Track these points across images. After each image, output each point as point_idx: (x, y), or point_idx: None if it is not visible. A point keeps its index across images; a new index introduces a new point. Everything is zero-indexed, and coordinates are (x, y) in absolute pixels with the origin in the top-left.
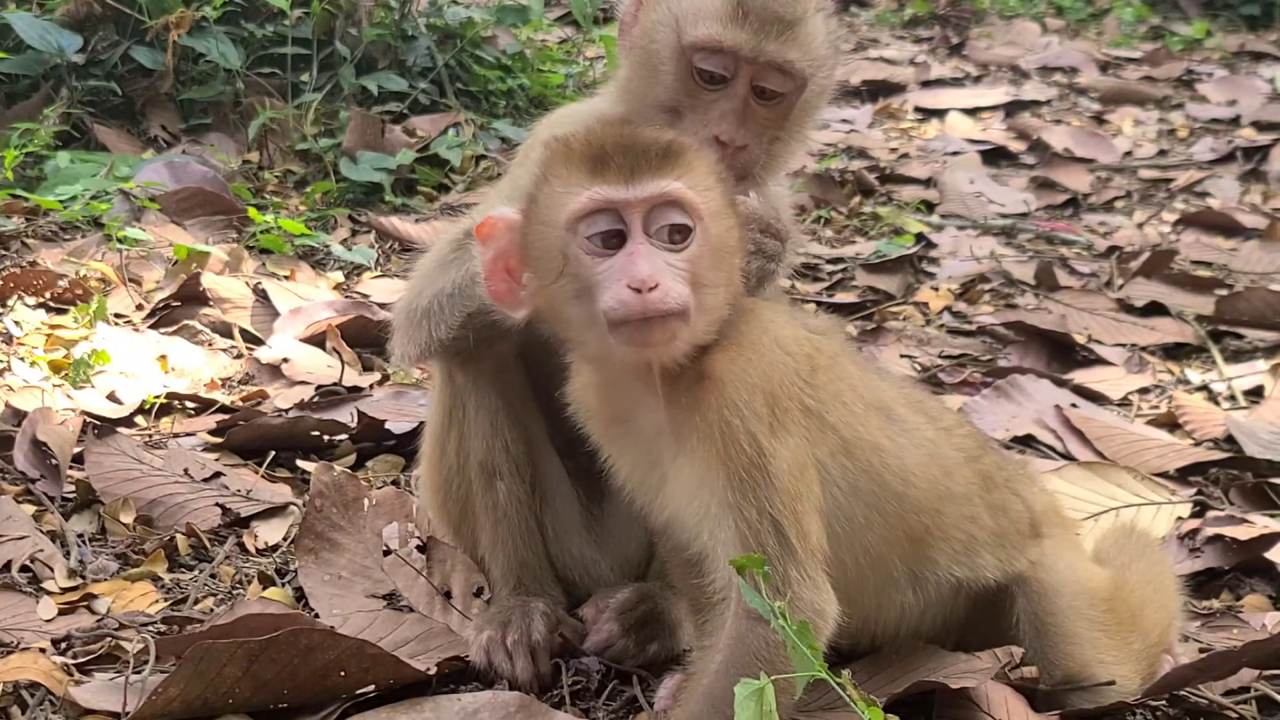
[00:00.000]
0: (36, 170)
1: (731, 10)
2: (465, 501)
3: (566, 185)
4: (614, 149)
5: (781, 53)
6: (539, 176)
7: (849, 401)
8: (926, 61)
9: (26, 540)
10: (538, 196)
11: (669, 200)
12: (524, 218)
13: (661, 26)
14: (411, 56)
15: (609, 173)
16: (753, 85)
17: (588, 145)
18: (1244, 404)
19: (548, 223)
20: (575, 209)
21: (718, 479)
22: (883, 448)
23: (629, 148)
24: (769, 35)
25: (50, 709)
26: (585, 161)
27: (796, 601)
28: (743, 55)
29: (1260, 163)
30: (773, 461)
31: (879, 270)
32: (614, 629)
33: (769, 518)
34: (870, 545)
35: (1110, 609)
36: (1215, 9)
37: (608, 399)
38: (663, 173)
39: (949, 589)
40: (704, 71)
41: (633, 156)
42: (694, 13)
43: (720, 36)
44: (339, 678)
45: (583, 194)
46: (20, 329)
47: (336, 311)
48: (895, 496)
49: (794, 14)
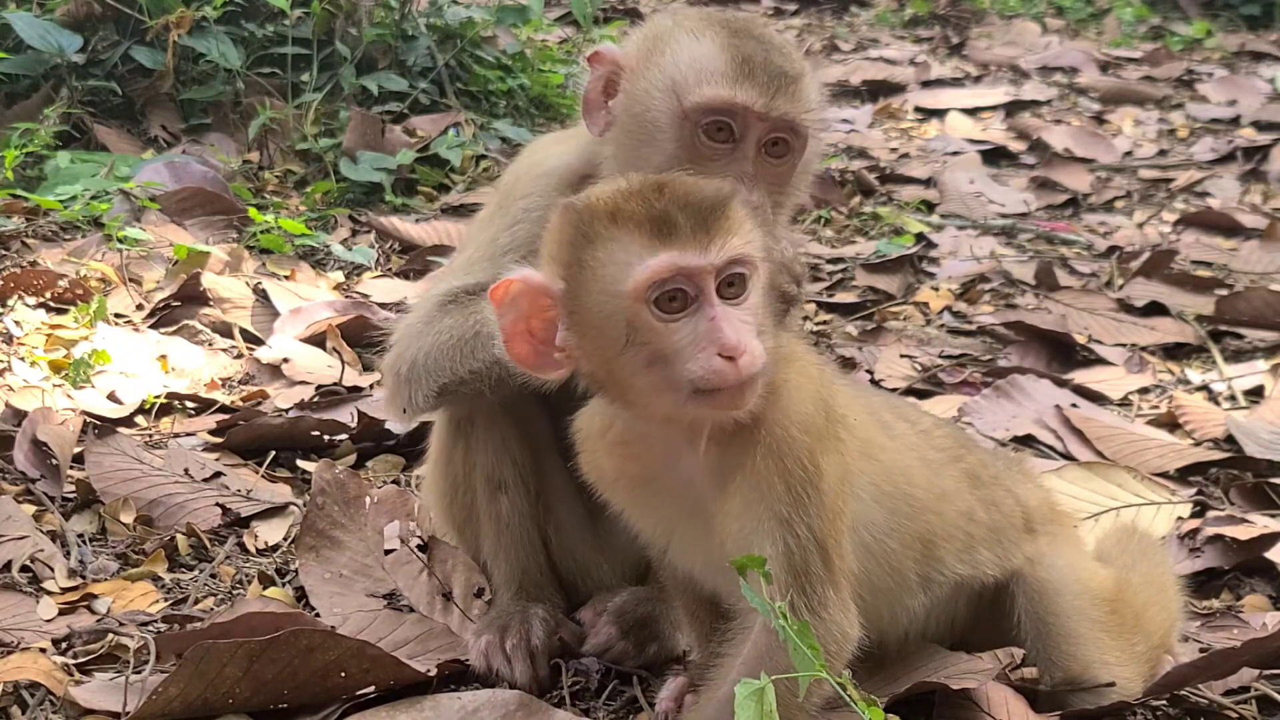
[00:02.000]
0: (36, 170)
1: (738, 69)
2: (469, 509)
3: (629, 252)
4: (678, 210)
5: (793, 108)
6: (577, 237)
7: (854, 406)
8: (926, 61)
9: (26, 540)
10: (587, 262)
11: (735, 261)
12: (568, 283)
13: (656, 93)
14: (411, 56)
15: (679, 237)
16: (761, 144)
17: (648, 207)
18: (1244, 404)
19: (608, 292)
20: (648, 278)
21: (775, 490)
22: (889, 449)
23: (693, 208)
24: (779, 92)
25: (50, 709)
26: (649, 225)
27: (829, 624)
28: (754, 113)
29: (1260, 163)
30: (823, 479)
31: (879, 270)
32: (612, 631)
33: (815, 537)
34: (891, 551)
35: (1113, 609)
36: (1215, 9)
37: (634, 460)
38: (730, 232)
39: (951, 588)
40: (711, 133)
41: (700, 219)
42: (695, 75)
43: (729, 95)
44: (339, 678)
45: (653, 261)
46: (20, 329)
47: (336, 311)
48: (905, 497)
49: (797, 70)
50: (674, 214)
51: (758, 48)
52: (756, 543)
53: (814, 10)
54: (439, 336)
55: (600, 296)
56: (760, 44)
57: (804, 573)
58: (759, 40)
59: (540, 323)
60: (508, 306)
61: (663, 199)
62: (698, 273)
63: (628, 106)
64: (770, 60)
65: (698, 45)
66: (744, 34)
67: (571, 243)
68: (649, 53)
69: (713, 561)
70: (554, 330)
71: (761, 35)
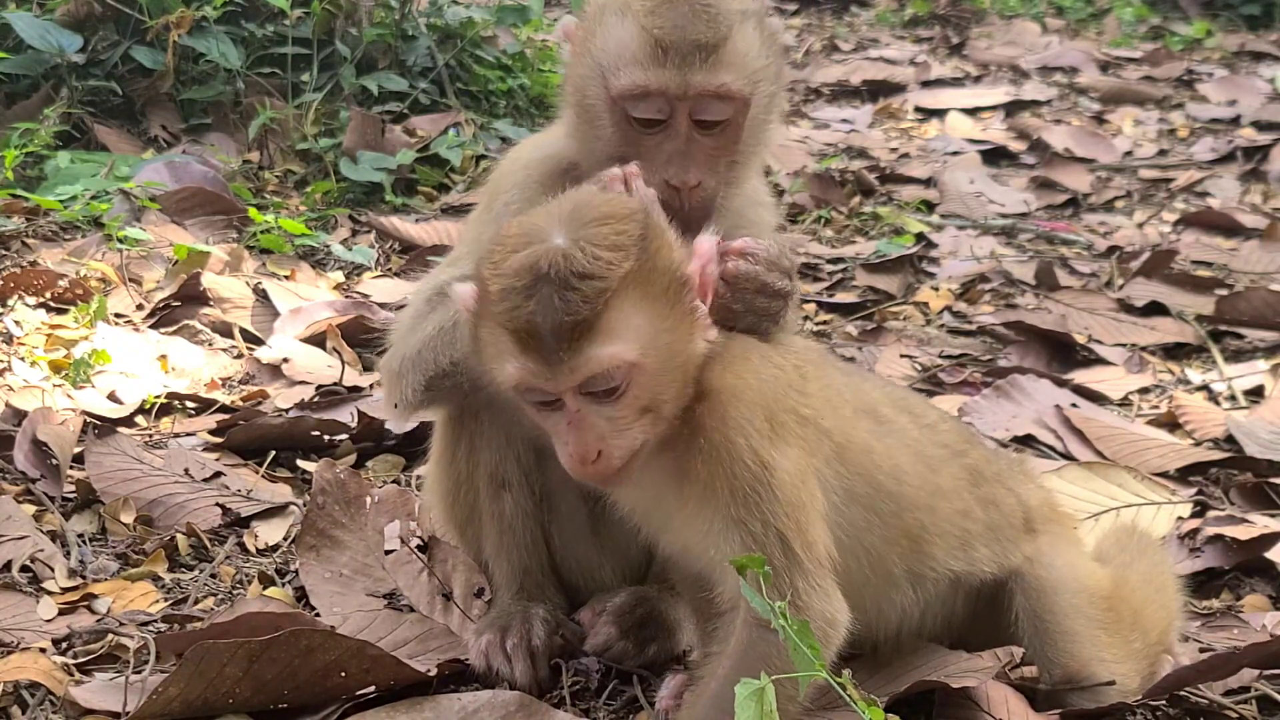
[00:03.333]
0: (36, 170)
1: (650, 50)
2: (472, 508)
3: (499, 347)
4: (541, 322)
5: (711, 80)
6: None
7: (839, 406)
8: (926, 61)
9: (26, 540)
10: (476, 332)
11: (596, 377)
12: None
13: (590, 79)
14: (411, 56)
15: (536, 353)
16: (692, 119)
17: (514, 311)
18: (1244, 404)
19: (489, 368)
20: (510, 382)
21: (722, 496)
22: (874, 449)
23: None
24: (693, 66)
25: (50, 709)
26: (513, 334)
27: (807, 611)
28: (671, 94)
29: (1260, 163)
30: (775, 474)
31: (879, 270)
32: (612, 632)
33: (774, 530)
34: (871, 546)
35: (1111, 608)
36: (1215, 9)
37: None
38: (593, 347)
39: (947, 585)
40: (640, 117)
41: (560, 336)
42: (616, 60)
43: (644, 80)
44: (339, 678)
45: (512, 369)
46: (20, 329)
47: (337, 311)
48: (890, 496)
49: (717, 35)
50: (533, 330)
51: (675, 20)
52: (714, 545)
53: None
54: (424, 331)
55: (485, 365)
56: (678, 13)
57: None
58: (679, 8)
59: None
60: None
61: (524, 310)
62: (552, 389)
63: (572, 90)
64: (686, 34)
65: (620, 26)
66: (663, 6)
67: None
68: (587, 32)
69: (679, 549)
70: None
71: (683, 4)
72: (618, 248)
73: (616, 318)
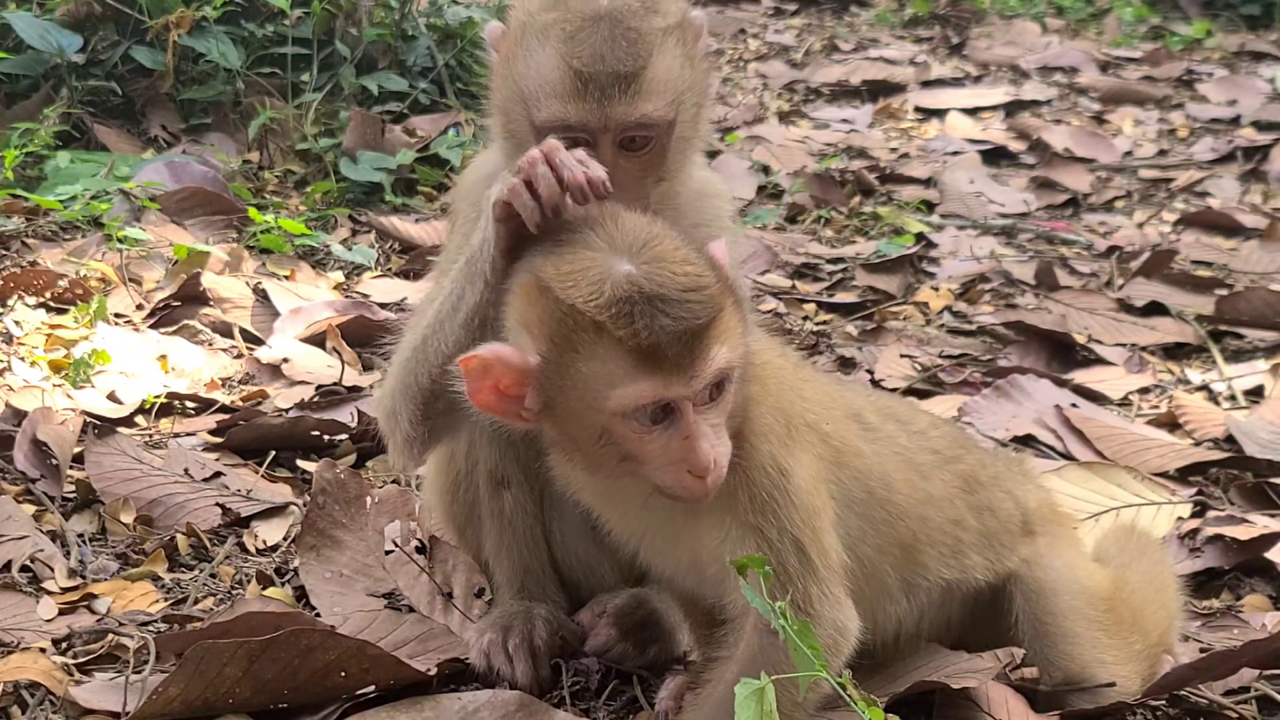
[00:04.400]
0: (36, 170)
1: (570, 84)
2: (472, 507)
3: (613, 375)
4: (664, 337)
5: (632, 111)
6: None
7: (831, 410)
8: (926, 61)
9: (26, 540)
10: (569, 368)
11: (721, 377)
12: (546, 370)
13: (513, 104)
14: (411, 56)
15: (664, 367)
16: (615, 144)
17: (634, 333)
18: (1244, 404)
19: (588, 404)
20: (631, 404)
21: (740, 501)
22: (865, 454)
23: (679, 335)
24: (614, 99)
25: (50, 709)
26: (635, 353)
27: (819, 619)
28: (594, 126)
29: (1260, 163)
30: (791, 480)
31: (879, 270)
32: (613, 633)
33: (789, 536)
34: (865, 557)
35: (1110, 609)
36: (1215, 9)
37: None
38: (712, 355)
39: (940, 593)
40: (568, 144)
41: (686, 346)
42: (538, 91)
43: (565, 115)
44: (339, 678)
45: (636, 389)
46: (20, 329)
47: (337, 311)
48: (881, 503)
49: (636, 64)
50: (660, 342)
51: (594, 49)
52: (729, 551)
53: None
54: (402, 357)
55: (579, 404)
56: (597, 40)
57: (781, 572)
58: (598, 35)
59: (508, 385)
60: (477, 377)
61: (651, 324)
62: (680, 399)
63: (498, 110)
64: (605, 64)
65: (541, 53)
66: (582, 33)
67: (553, 339)
68: (510, 52)
69: (683, 567)
70: (524, 391)
71: (604, 30)
72: (689, 260)
73: (722, 321)
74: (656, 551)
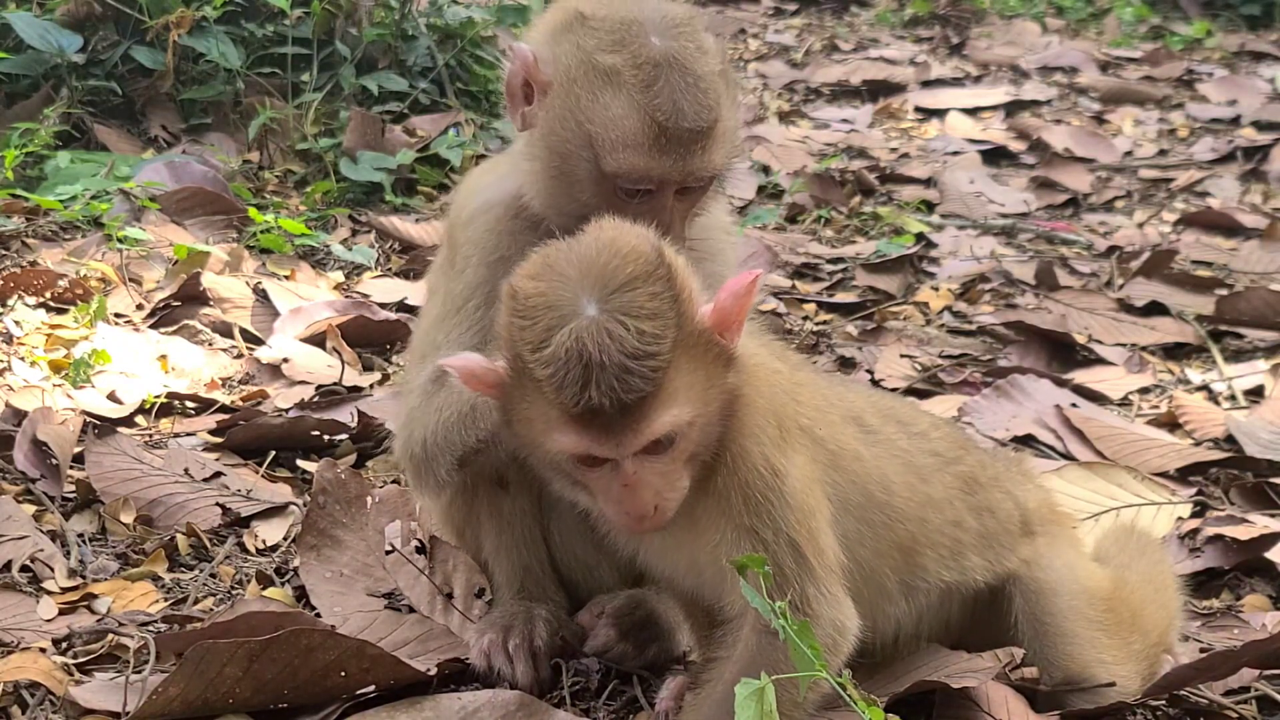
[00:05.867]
0: (36, 170)
1: (653, 139)
2: (469, 508)
3: (550, 423)
4: (602, 399)
5: (706, 165)
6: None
7: (827, 413)
8: (926, 61)
9: (26, 540)
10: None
11: (661, 440)
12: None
13: (573, 145)
14: (411, 56)
15: (597, 428)
16: (677, 191)
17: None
18: (1244, 404)
19: (533, 439)
20: (565, 451)
21: (735, 504)
22: (863, 457)
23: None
24: (692, 153)
25: (50, 709)
26: (572, 415)
27: (818, 619)
28: (670, 180)
29: (1260, 163)
30: (786, 481)
31: (879, 270)
32: (612, 634)
33: (785, 537)
34: (863, 560)
35: (1110, 609)
36: (1215, 9)
37: None
38: (655, 418)
39: (939, 595)
40: (630, 191)
41: (618, 414)
42: (612, 140)
43: (645, 167)
44: (339, 678)
45: (568, 440)
46: (20, 329)
47: (337, 311)
48: (880, 506)
49: (710, 119)
50: (597, 405)
51: (673, 101)
52: (725, 554)
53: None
54: (440, 414)
55: (526, 432)
56: (674, 92)
57: (778, 573)
58: (673, 85)
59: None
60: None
61: (581, 395)
62: (611, 457)
63: (546, 136)
64: (684, 120)
65: (614, 101)
66: (657, 83)
67: (510, 363)
68: (566, 83)
69: (681, 569)
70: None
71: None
72: (657, 315)
73: (671, 384)
74: (655, 554)
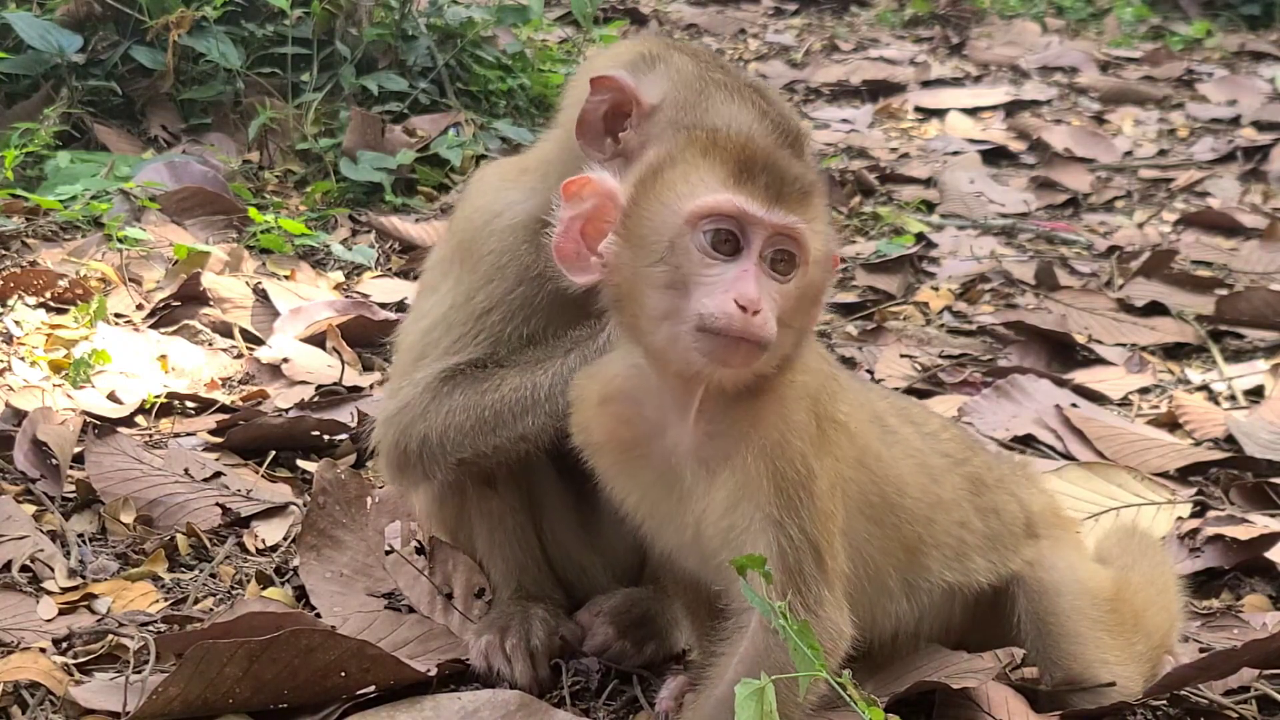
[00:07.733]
0: (36, 170)
1: None
2: (460, 509)
3: (703, 179)
4: (763, 165)
5: None
6: (666, 157)
7: (858, 412)
8: (926, 61)
9: (26, 540)
10: (663, 174)
11: (792, 235)
12: (636, 188)
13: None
14: (411, 56)
15: (752, 187)
16: None
17: (739, 149)
18: (1244, 404)
19: (667, 205)
20: (705, 208)
21: (765, 492)
22: (884, 458)
23: (777, 170)
24: None
25: (50, 709)
26: (731, 165)
27: (824, 622)
28: None
29: (1260, 163)
30: (816, 482)
31: (879, 270)
32: (610, 632)
33: (809, 537)
34: (869, 558)
35: (1113, 609)
36: (1215, 9)
37: (624, 424)
38: (799, 209)
39: (942, 595)
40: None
41: (779, 180)
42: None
43: None
44: (339, 678)
45: (719, 196)
46: (20, 329)
47: (337, 311)
48: (894, 508)
49: None
50: (758, 166)
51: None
52: (749, 541)
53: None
54: (453, 416)
55: (658, 207)
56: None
57: (798, 573)
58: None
59: (594, 227)
60: (575, 200)
61: (758, 153)
62: (753, 224)
63: None
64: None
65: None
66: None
67: (657, 160)
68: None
69: (685, 542)
70: (602, 237)
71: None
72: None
73: (817, 218)
74: (662, 523)
